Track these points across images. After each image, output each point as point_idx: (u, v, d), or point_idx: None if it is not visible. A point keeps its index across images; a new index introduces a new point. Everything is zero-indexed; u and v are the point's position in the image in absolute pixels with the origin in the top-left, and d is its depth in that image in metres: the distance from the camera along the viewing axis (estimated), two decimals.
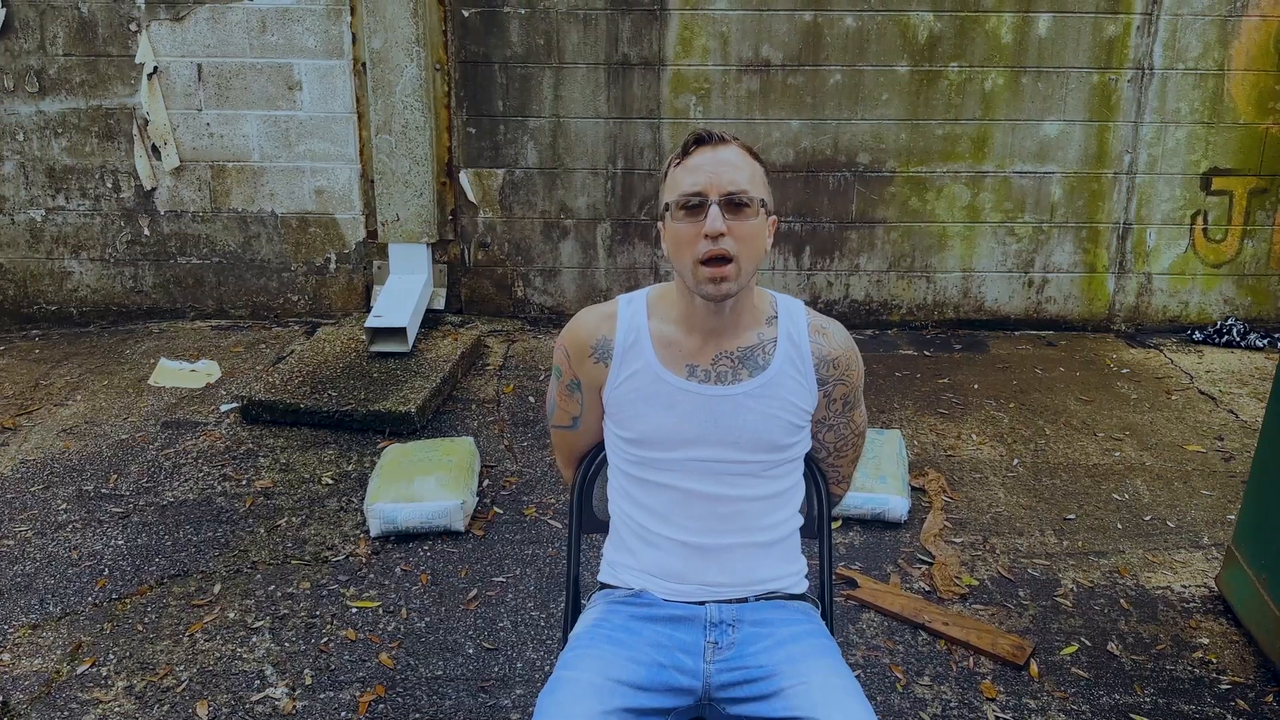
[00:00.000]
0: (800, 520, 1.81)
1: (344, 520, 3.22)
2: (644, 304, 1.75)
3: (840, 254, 4.92)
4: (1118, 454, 3.71)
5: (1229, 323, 4.89)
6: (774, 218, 1.68)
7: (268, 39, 4.67)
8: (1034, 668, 2.56)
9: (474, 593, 2.85)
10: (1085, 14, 4.62)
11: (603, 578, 1.80)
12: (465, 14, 4.64)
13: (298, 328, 4.90)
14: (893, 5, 4.60)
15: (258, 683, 2.50)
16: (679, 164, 1.62)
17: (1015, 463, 3.64)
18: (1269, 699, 2.47)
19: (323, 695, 2.45)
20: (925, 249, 4.91)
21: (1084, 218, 4.88)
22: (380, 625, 2.72)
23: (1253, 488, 2.71)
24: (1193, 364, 4.59)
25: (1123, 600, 2.85)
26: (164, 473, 3.51)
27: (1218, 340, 4.82)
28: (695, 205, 1.57)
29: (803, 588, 1.78)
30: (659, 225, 1.68)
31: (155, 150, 4.80)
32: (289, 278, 4.98)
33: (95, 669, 2.54)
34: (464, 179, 4.84)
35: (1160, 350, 4.76)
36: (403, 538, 3.11)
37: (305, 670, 2.54)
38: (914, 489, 3.42)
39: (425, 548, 3.07)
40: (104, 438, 3.77)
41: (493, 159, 4.81)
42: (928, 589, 2.88)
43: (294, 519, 3.23)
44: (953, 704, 2.43)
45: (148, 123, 4.74)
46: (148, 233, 4.92)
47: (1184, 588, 2.92)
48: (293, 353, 4.42)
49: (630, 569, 1.75)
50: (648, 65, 4.68)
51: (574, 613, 1.88)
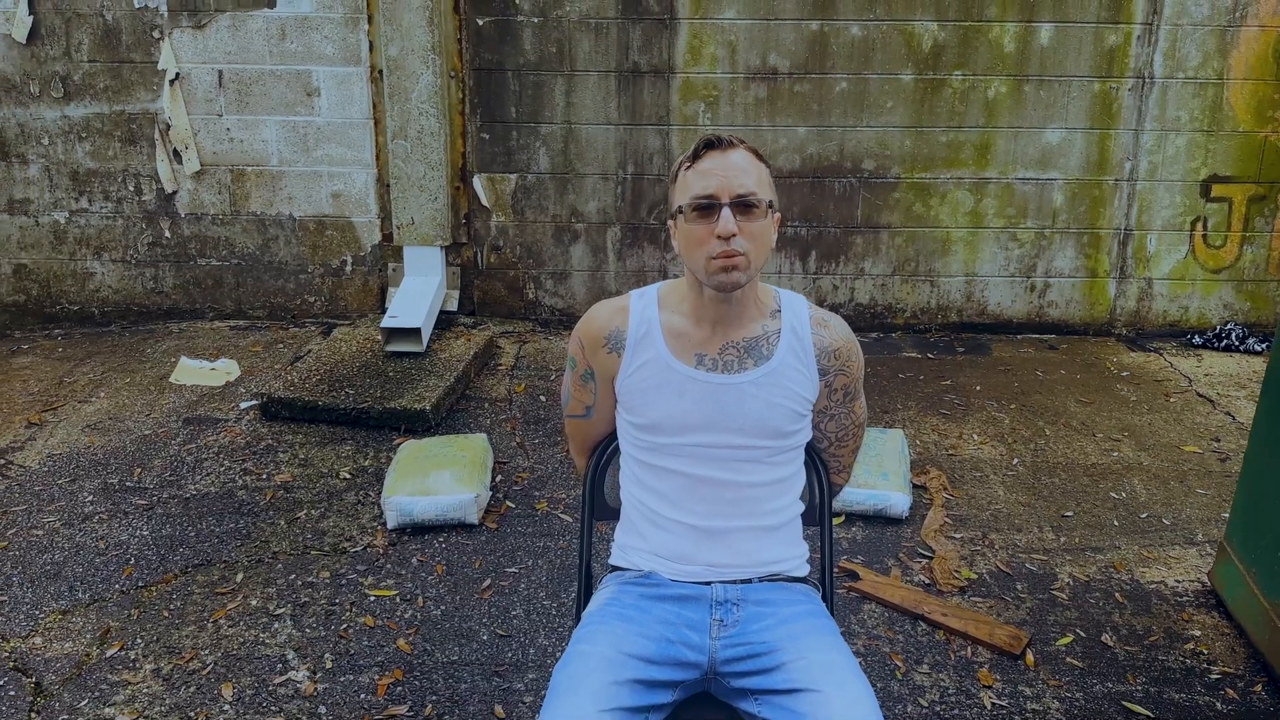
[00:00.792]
0: (802, 507, 1.89)
1: (361, 513, 3.31)
2: (655, 297, 1.85)
3: (846, 258, 5.01)
4: (1116, 454, 3.79)
5: (1228, 327, 4.96)
6: (778, 215, 1.77)
7: (287, 46, 4.77)
8: (1030, 657, 2.63)
9: (488, 582, 2.94)
10: (1087, 24, 4.71)
11: (614, 561, 1.89)
12: (480, 22, 4.74)
13: (314, 328, 5.01)
14: (898, 15, 4.69)
15: (280, 666, 2.59)
16: (690, 167, 1.71)
17: (1015, 462, 3.72)
18: (1258, 688, 2.54)
19: (343, 678, 2.54)
20: (929, 254, 5.00)
21: (1085, 223, 4.96)
22: (397, 613, 2.81)
23: (1243, 483, 2.78)
24: (1192, 367, 4.66)
25: (1117, 594, 2.93)
26: (186, 467, 3.61)
27: (1217, 344, 4.89)
28: (707, 208, 1.66)
29: (804, 571, 1.87)
30: (669, 225, 1.77)
31: (176, 154, 4.91)
32: (306, 279, 5.08)
33: (123, 652, 2.63)
34: (477, 184, 4.94)
35: (1160, 354, 4.83)
36: (418, 530, 3.20)
37: (325, 655, 2.63)
38: (916, 486, 3.50)
39: (440, 539, 3.16)
40: (127, 433, 3.87)
41: (506, 164, 4.91)
42: (927, 582, 2.96)
43: (313, 511, 3.32)
44: (950, 691, 2.51)
45: (169, 127, 4.85)
46: (168, 235, 5.03)
47: (1178, 582, 2.99)
48: (310, 352, 4.52)
49: (640, 551, 1.83)
50: (657, 73, 4.78)
51: (586, 594, 1.96)
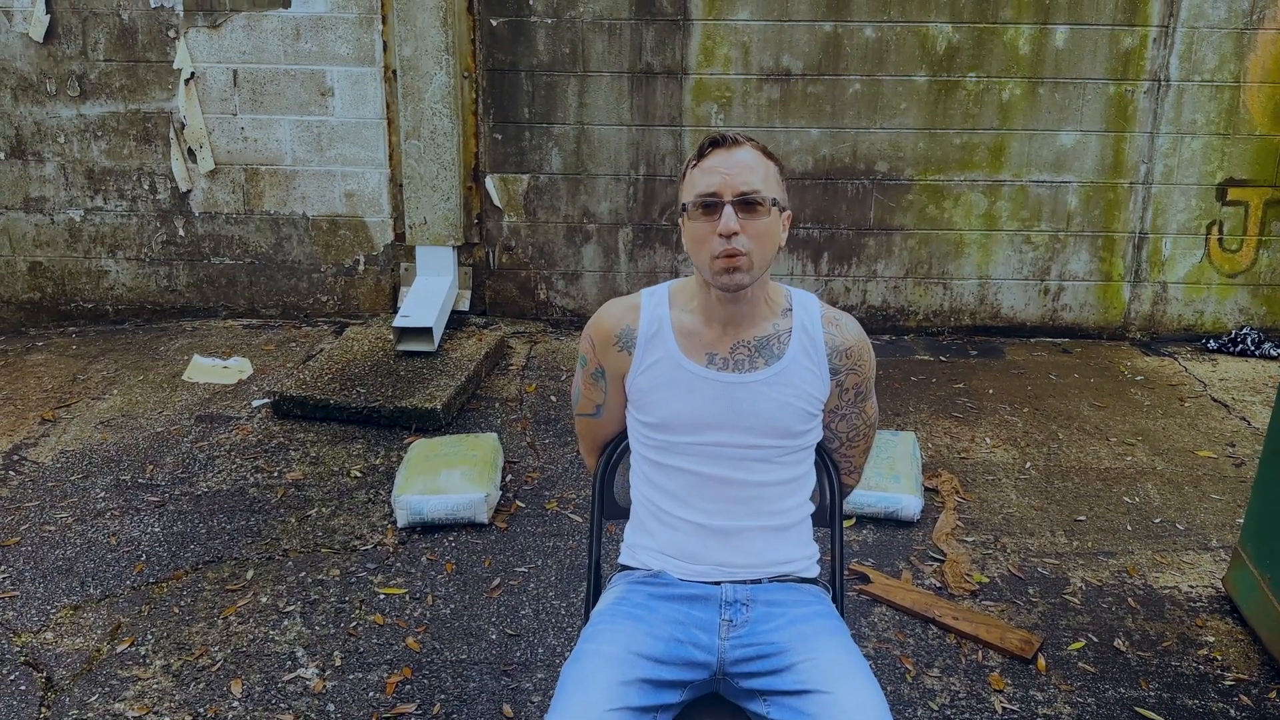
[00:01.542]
0: (812, 507, 1.88)
1: (372, 511, 3.32)
2: (666, 296, 1.84)
3: (858, 260, 4.99)
4: (1129, 458, 3.76)
5: (1244, 332, 4.92)
6: (788, 213, 1.75)
7: (301, 46, 4.79)
8: (1041, 662, 2.62)
9: (497, 581, 2.94)
10: (1102, 26, 4.68)
11: (623, 560, 1.89)
12: (494, 23, 4.75)
13: (327, 327, 5.02)
14: (912, 16, 4.67)
15: (289, 663, 2.59)
16: (696, 165, 1.70)
17: (1028, 465, 3.69)
18: (1272, 695, 2.52)
19: (351, 676, 2.54)
20: (942, 256, 4.97)
21: (1100, 227, 4.93)
22: (407, 611, 2.81)
23: (1258, 489, 2.76)
24: (1206, 372, 4.62)
25: (1130, 599, 2.90)
26: (198, 464, 3.62)
27: (1232, 349, 4.85)
28: (711, 205, 1.65)
29: (814, 572, 1.86)
30: (680, 222, 1.76)
31: (191, 153, 4.93)
32: (319, 279, 5.10)
33: (134, 648, 2.64)
34: (490, 184, 4.95)
35: (1175, 358, 4.79)
36: (428, 528, 3.20)
37: (335, 652, 2.63)
38: (927, 489, 3.48)
39: (450, 538, 3.16)
40: (140, 430, 3.88)
41: (518, 164, 4.91)
42: (939, 585, 2.95)
43: (324, 509, 3.32)
44: (961, 695, 2.49)
45: (184, 126, 4.87)
46: (182, 233, 5.05)
47: (1191, 588, 2.97)
48: (322, 351, 4.53)
49: (649, 550, 1.83)
50: (670, 74, 4.77)
51: (596, 593, 1.96)
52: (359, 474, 3.56)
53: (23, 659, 2.59)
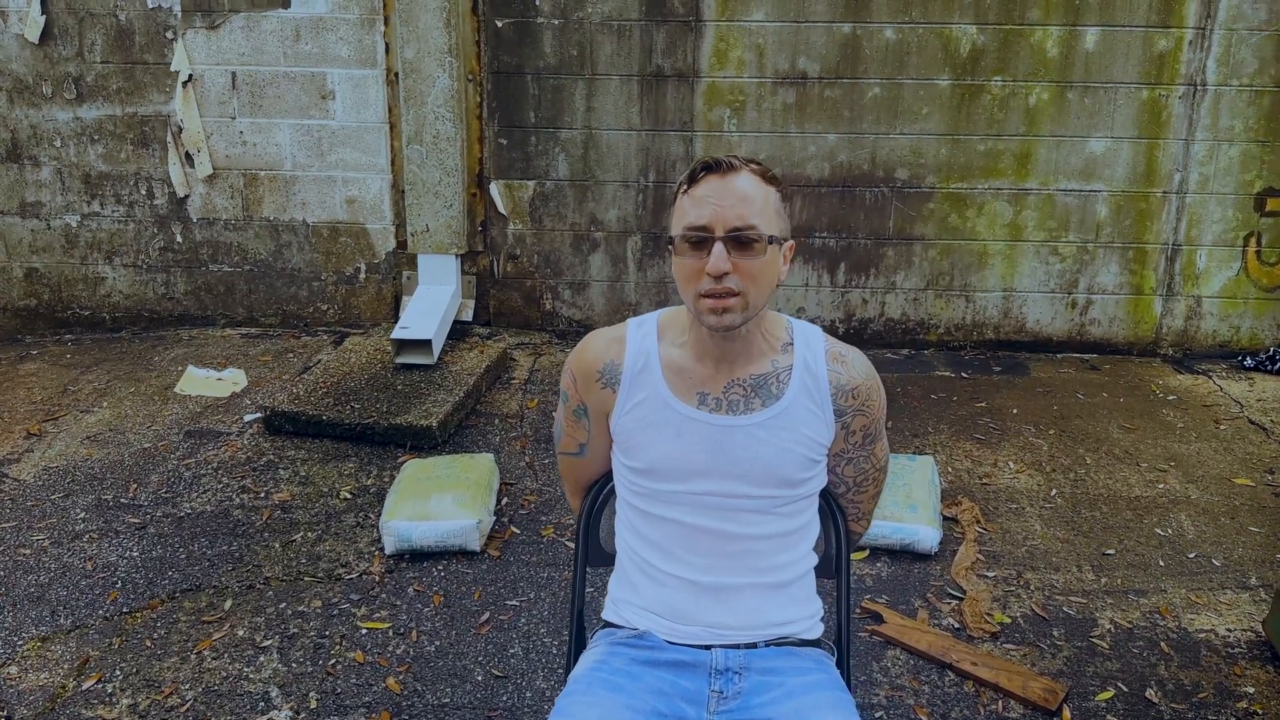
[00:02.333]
0: (815, 559, 1.72)
1: (360, 537, 3.18)
2: (654, 328, 1.68)
3: (876, 271, 4.81)
4: (1161, 486, 3.57)
5: None
6: (790, 244, 1.59)
7: (301, 48, 4.66)
8: (1066, 713, 2.44)
9: (486, 616, 2.79)
10: (1135, 28, 4.48)
11: (606, 615, 1.73)
12: (499, 24, 4.60)
13: (326, 337, 4.89)
14: (934, 17, 4.49)
15: (262, 704, 2.45)
16: (686, 192, 1.54)
17: (1053, 493, 3.51)
18: None
19: None
20: (965, 267, 4.79)
21: (1131, 238, 4.73)
22: (389, 648, 2.66)
23: None
24: (1243, 392, 4.41)
25: (1163, 644, 2.72)
26: (184, 483, 3.49)
27: (1270, 367, 4.64)
28: (699, 241, 1.49)
29: (817, 632, 1.69)
30: (669, 249, 1.60)
31: (189, 158, 4.81)
32: (319, 287, 4.97)
33: (101, 685, 2.50)
34: (494, 190, 4.80)
35: (1209, 376, 4.59)
36: (417, 556, 3.05)
37: (311, 693, 2.49)
38: (946, 518, 3.30)
39: (440, 567, 3.01)
40: (127, 446, 3.76)
41: (524, 170, 4.76)
42: (957, 626, 2.77)
43: (310, 534, 3.19)
44: None
45: (182, 130, 4.76)
46: (180, 240, 4.93)
47: (1229, 631, 2.78)
48: (318, 363, 4.40)
49: (634, 606, 1.67)
50: (681, 77, 4.61)
51: (579, 648, 1.80)
52: (349, 495, 3.42)
53: None
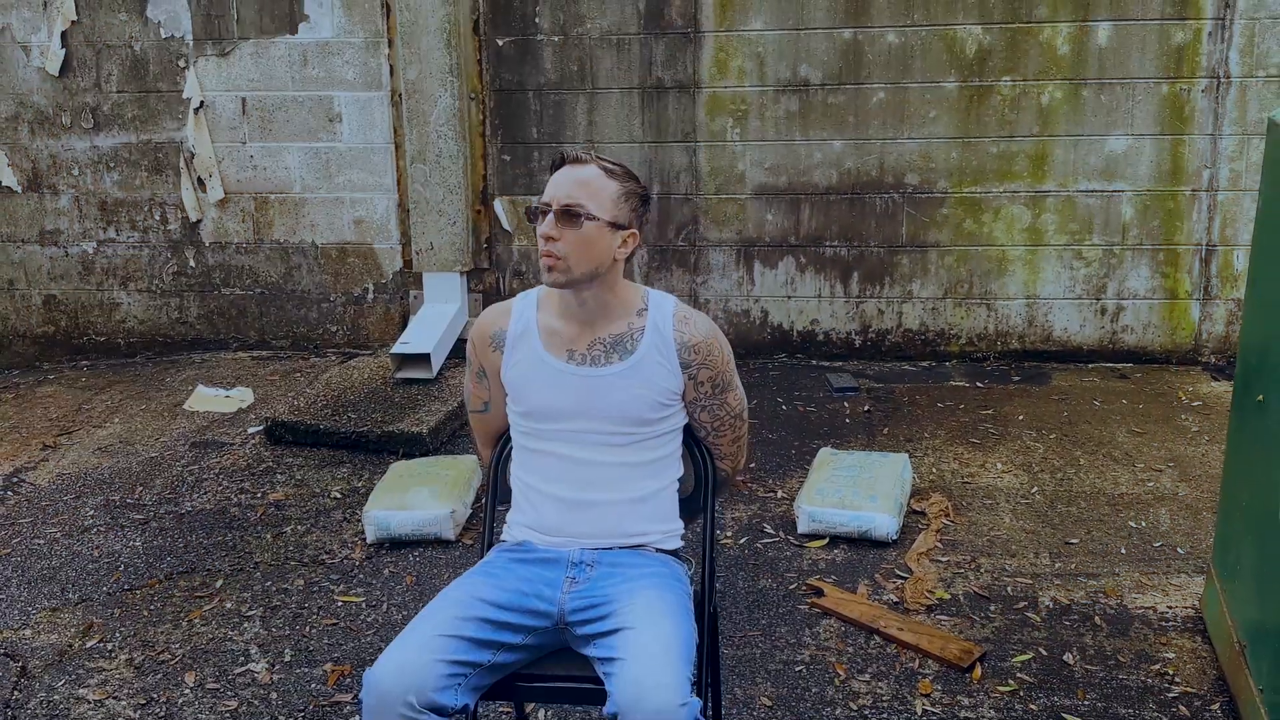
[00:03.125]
0: (675, 486, 2.40)
1: (345, 529, 3.94)
2: (535, 300, 2.41)
3: (891, 280, 5.45)
4: (1151, 484, 4.12)
5: None
6: (629, 232, 2.28)
7: (309, 72, 5.57)
8: (978, 671, 3.03)
9: None
10: (1150, 20, 5.09)
11: (502, 536, 2.44)
12: (500, 43, 5.44)
13: (335, 358, 5.73)
14: (937, 19, 5.17)
15: (242, 659, 3.20)
16: (550, 176, 2.28)
17: (1034, 490, 4.09)
18: (1215, 707, 2.88)
19: (298, 670, 3.14)
20: (984, 274, 5.40)
21: (1160, 239, 5.29)
22: (361, 617, 3.40)
23: (1222, 501, 3.13)
24: None
25: (1097, 617, 3.29)
26: (186, 486, 4.31)
27: None
28: (541, 211, 2.22)
29: (673, 545, 2.37)
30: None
31: (201, 183, 5.74)
32: (328, 308, 5.83)
33: (102, 644, 3.29)
34: (499, 207, 5.61)
35: None
36: (396, 544, 3.80)
37: (286, 650, 3.23)
38: (915, 511, 3.92)
39: (415, 553, 3.75)
40: (135, 455, 4.61)
41: (527, 186, 5.56)
42: (896, 600, 3.39)
43: (299, 527, 3.96)
44: (885, 698, 2.94)
45: (194, 156, 5.70)
46: (193, 264, 5.85)
47: (1169, 609, 3.33)
48: (322, 379, 5.22)
49: (519, 525, 2.38)
50: (682, 88, 5.37)
51: None
52: (339, 495, 4.19)
53: (2, 650, 3.27)
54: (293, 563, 3.73)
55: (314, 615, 3.42)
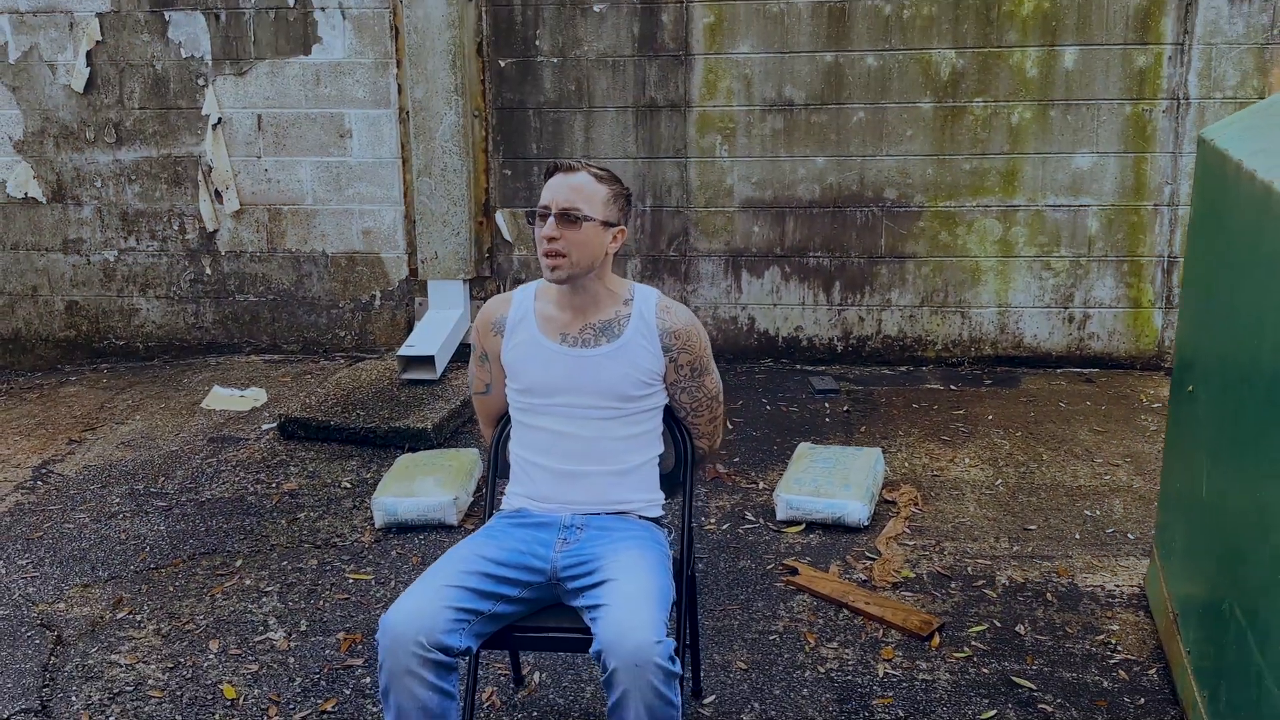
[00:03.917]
0: (656, 460, 2.67)
1: (355, 516, 4.20)
2: (533, 291, 2.68)
3: (871, 289, 5.73)
4: (1108, 477, 4.38)
5: None
6: (619, 228, 2.56)
7: (321, 91, 5.85)
8: (936, 640, 3.29)
9: None
10: (1113, 45, 5.38)
11: (501, 506, 2.70)
12: (502, 64, 5.73)
13: (343, 361, 5.99)
14: (914, 44, 5.46)
15: (261, 629, 3.46)
16: (545, 184, 2.55)
17: (998, 483, 4.35)
18: (1151, 672, 3.14)
19: (313, 639, 3.40)
20: (958, 284, 5.67)
21: (1124, 251, 5.57)
22: (370, 592, 3.65)
23: (1161, 487, 3.40)
24: None
25: (1049, 594, 3.55)
26: (205, 477, 4.58)
27: None
28: (542, 215, 2.49)
29: (654, 513, 2.64)
30: (530, 223, 2.60)
31: (218, 194, 6.02)
32: (337, 314, 6.10)
33: (132, 615, 3.55)
34: (500, 219, 5.88)
35: None
36: (403, 529, 4.06)
37: (302, 620, 3.49)
38: (887, 501, 4.18)
39: (421, 537, 4.01)
40: (156, 449, 4.88)
41: (527, 199, 5.84)
42: (864, 579, 3.65)
43: (312, 514, 4.22)
44: (850, 663, 3.19)
45: (211, 169, 5.97)
46: (209, 272, 6.12)
47: (1116, 587, 3.59)
48: (332, 379, 5.49)
49: (517, 494, 2.64)
50: (674, 107, 5.66)
51: None
52: (349, 485, 4.46)
53: (39, 621, 3.53)
54: (307, 545, 3.99)
55: (327, 591, 3.68)
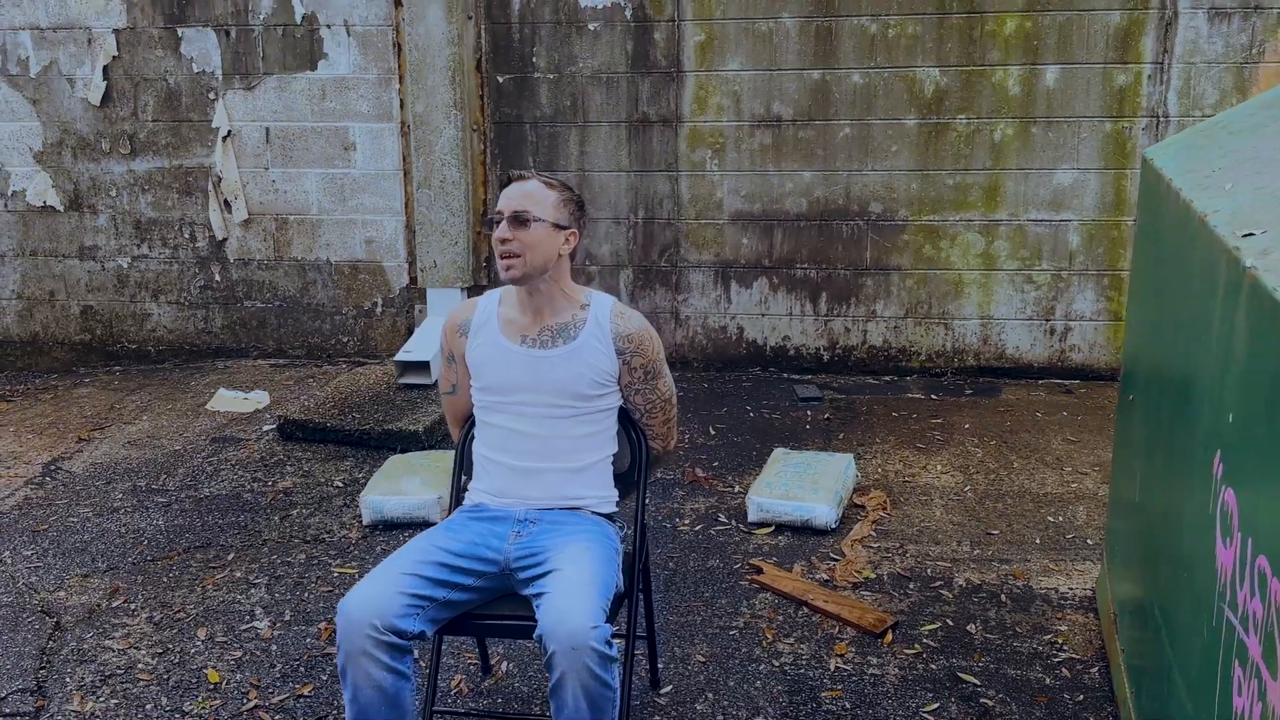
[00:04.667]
0: (610, 459, 2.81)
1: (345, 514, 4.36)
2: (498, 296, 2.83)
3: (856, 300, 5.85)
4: (1075, 485, 4.49)
5: None
6: (570, 231, 2.71)
7: (327, 105, 6.04)
8: (889, 637, 3.41)
9: None
10: (1094, 64, 5.49)
11: (464, 502, 2.85)
12: (500, 80, 5.89)
13: (345, 366, 6.17)
14: (898, 62, 5.59)
15: (248, 618, 3.62)
16: (500, 193, 2.70)
17: (967, 489, 4.47)
18: (1094, 670, 3.25)
19: (296, 628, 3.55)
20: (942, 296, 5.79)
21: (1104, 265, 5.67)
22: (353, 583, 3.80)
23: (1110, 493, 3.51)
24: None
25: (1003, 595, 3.66)
26: (205, 475, 4.75)
27: None
28: (496, 220, 2.65)
29: (607, 509, 2.78)
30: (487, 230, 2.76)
31: (227, 205, 6.21)
32: (340, 321, 6.27)
33: (126, 604, 3.72)
34: None
35: None
36: (389, 526, 4.21)
37: (286, 611, 3.65)
38: (857, 506, 4.30)
39: (405, 534, 4.16)
40: (160, 448, 5.06)
41: None
42: (826, 579, 3.77)
43: (304, 511, 4.39)
44: (804, 657, 3.32)
45: (221, 180, 6.17)
46: (218, 279, 6.31)
47: (1070, 590, 3.70)
48: (332, 383, 5.66)
49: (477, 490, 2.79)
50: (666, 122, 5.81)
51: None
52: (341, 484, 4.62)
53: (39, 608, 3.70)
54: (296, 540, 4.15)
55: (313, 584, 3.83)
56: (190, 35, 6.03)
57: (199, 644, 3.48)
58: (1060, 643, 3.40)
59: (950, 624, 3.50)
